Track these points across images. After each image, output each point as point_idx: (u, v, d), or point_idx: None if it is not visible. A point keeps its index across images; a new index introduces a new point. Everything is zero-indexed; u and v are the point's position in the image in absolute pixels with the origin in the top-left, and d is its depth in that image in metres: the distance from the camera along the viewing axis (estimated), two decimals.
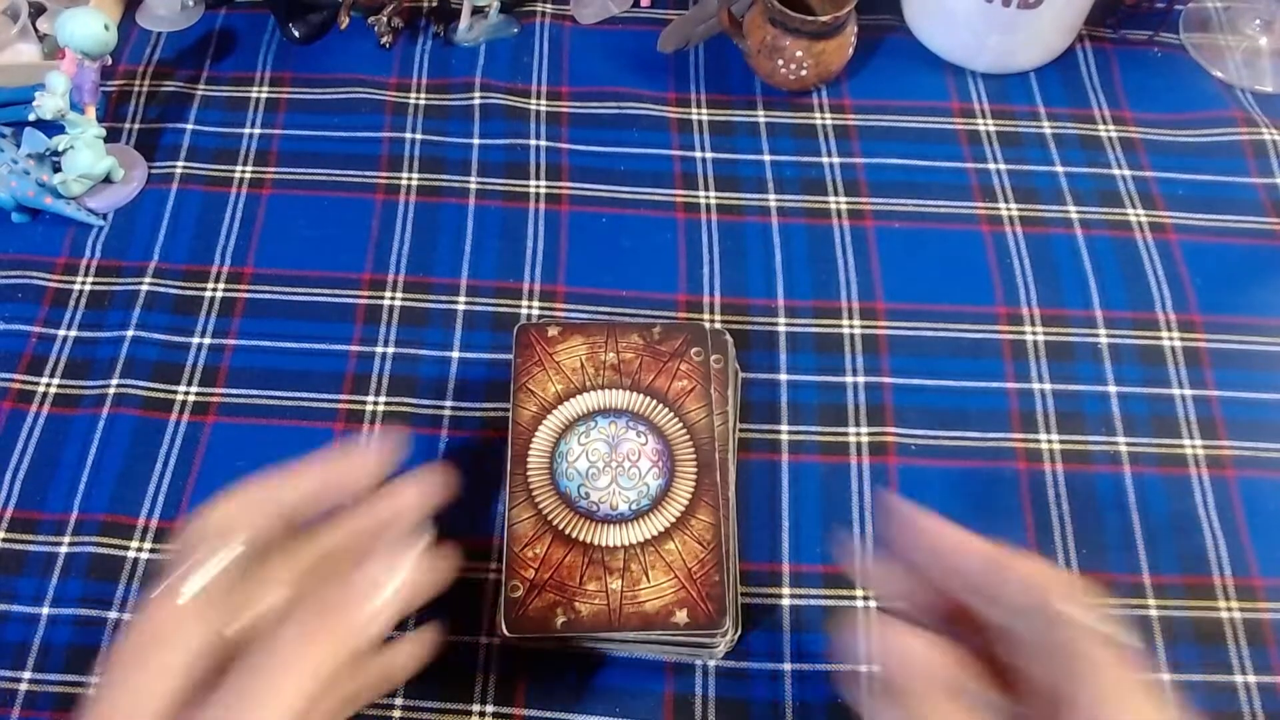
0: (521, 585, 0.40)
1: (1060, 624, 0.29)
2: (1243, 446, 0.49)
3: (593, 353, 0.46)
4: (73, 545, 0.46)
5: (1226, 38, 0.65)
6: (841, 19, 0.57)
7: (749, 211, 0.57)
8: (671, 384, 0.45)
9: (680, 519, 0.42)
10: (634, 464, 0.43)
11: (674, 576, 0.40)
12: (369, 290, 0.53)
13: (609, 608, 0.40)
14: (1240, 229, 0.57)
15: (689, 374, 0.45)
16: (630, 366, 0.46)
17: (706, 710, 0.42)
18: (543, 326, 0.47)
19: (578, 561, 0.41)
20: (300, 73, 0.62)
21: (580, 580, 0.40)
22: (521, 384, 0.46)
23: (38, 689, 0.42)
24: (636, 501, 0.42)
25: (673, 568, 0.41)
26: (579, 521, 0.42)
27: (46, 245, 0.55)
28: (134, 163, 0.58)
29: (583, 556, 0.41)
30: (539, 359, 0.46)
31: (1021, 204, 0.57)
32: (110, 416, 0.49)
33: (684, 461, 0.43)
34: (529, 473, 0.43)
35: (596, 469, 0.43)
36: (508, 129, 0.60)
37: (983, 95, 0.62)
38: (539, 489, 0.43)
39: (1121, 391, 0.51)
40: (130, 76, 0.62)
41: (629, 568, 0.40)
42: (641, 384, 0.45)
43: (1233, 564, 0.46)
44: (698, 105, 0.61)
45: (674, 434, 0.44)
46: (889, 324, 0.53)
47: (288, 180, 0.58)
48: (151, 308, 0.53)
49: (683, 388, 0.45)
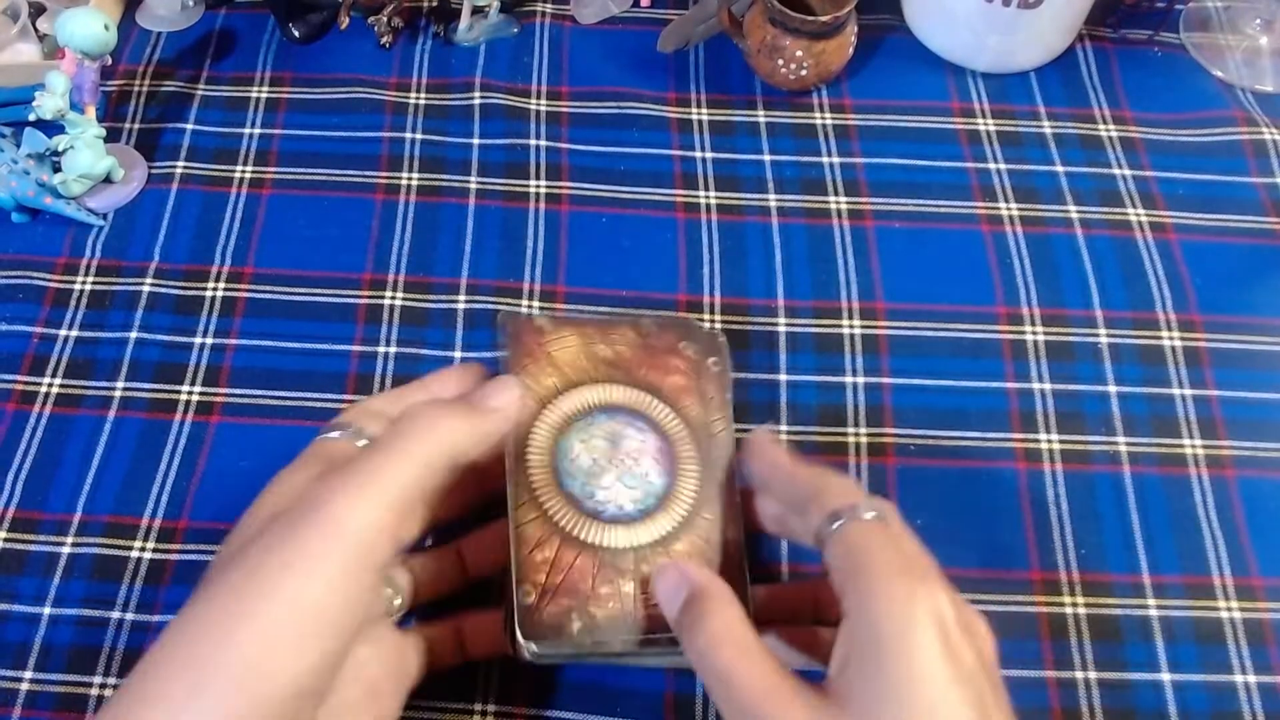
0: (534, 590, 0.38)
1: (832, 521, 0.34)
2: (1243, 446, 0.49)
3: (586, 345, 0.44)
4: (75, 545, 0.46)
5: (1226, 37, 0.65)
6: (841, 19, 0.57)
7: (749, 211, 0.57)
8: (666, 380, 0.44)
9: (686, 519, 0.40)
10: (636, 462, 0.41)
11: None
12: (369, 290, 0.53)
13: (624, 610, 0.38)
14: (1240, 229, 0.57)
15: (682, 370, 0.44)
16: (625, 360, 0.44)
17: (707, 710, 0.42)
18: (530, 318, 0.45)
19: (588, 564, 0.39)
20: (300, 73, 0.62)
21: (592, 584, 0.39)
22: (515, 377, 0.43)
23: (39, 689, 0.42)
24: (643, 501, 0.40)
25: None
26: (586, 522, 0.40)
27: (46, 245, 0.55)
28: (134, 163, 0.58)
29: (593, 559, 0.39)
30: (530, 351, 0.44)
31: (1021, 204, 0.57)
32: (113, 417, 0.49)
33: (685, 460, 0.42)
34: (530, 471, 0.41)
35: (600, 467, 0.41)
36: (508, 129, 0.60)
37: (983, 95, 0.62)
38: (542, 488, 0.40)
39: (1121, 391, 0.51)
40: (130, 76, 0.62)
41: (639, 569, 0.39)
42: (638, 379, 0.44)
43: (1232, 564, 0.46)
44: (698, 105, 0.61)
45: (673, 431, 0.42)
46: (889, 324, 0.53)
47: (288, 180, 0.58)
48: (153, 308, 0.53)
49: (677, 384, 0.43)
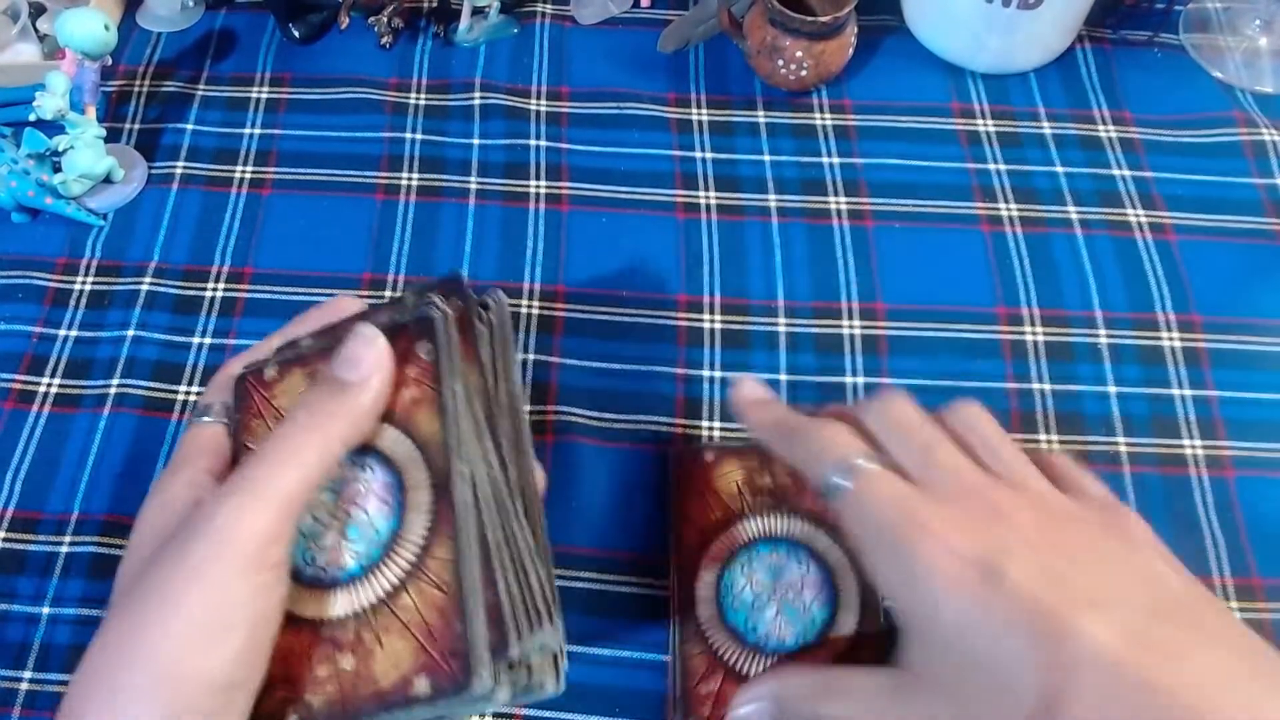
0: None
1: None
2: (1242, 446, 0.49)
3: (748, 474, 0.44)
4: (74, 545, 0.46)
5: (1226, 38, 0.65)
6: (841, 19, 0.57)
7: (749, 211, 0.57)
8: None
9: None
10: (798, 594, 0.40)
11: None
12: (369, 290, 0.53)
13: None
14: (1240, 229, 0.57)
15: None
16: (785, 490, 0.43)
17: None
18: (699, 452, 0.44)
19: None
20: (300, 73, 0.62)
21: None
22: (682, 511, 0.44)
23: (38, 689, 0.42)
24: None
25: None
26: (749, 655, 0.40)
27: (46, 245, 0.55)
28: (134, 163, 0.58)
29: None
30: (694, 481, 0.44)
31: (1021, 204, 0.57)
32: (111, 416, 0.49)
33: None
34: (697, 605, 0.42)
35: (762, 601, 0.41)
36: (508, 129, 0.60)
37: (982, 95, 0.62)
38: (706, 622, 0.42)
39: (1121, 392, 0.51)
40: (130, 76, 0.62)
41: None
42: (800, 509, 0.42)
43: (1232, 564, 0.46)
44: (698, 105, 0.61)
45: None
46: (889, 324, 0.53)
47: (288, 180, 0.58)
48: (152, 308, 0.53)
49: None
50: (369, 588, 0.32)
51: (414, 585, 0.32)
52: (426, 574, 0.32)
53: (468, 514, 0.32)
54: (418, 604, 0.32)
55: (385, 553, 0.32)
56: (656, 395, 0.50)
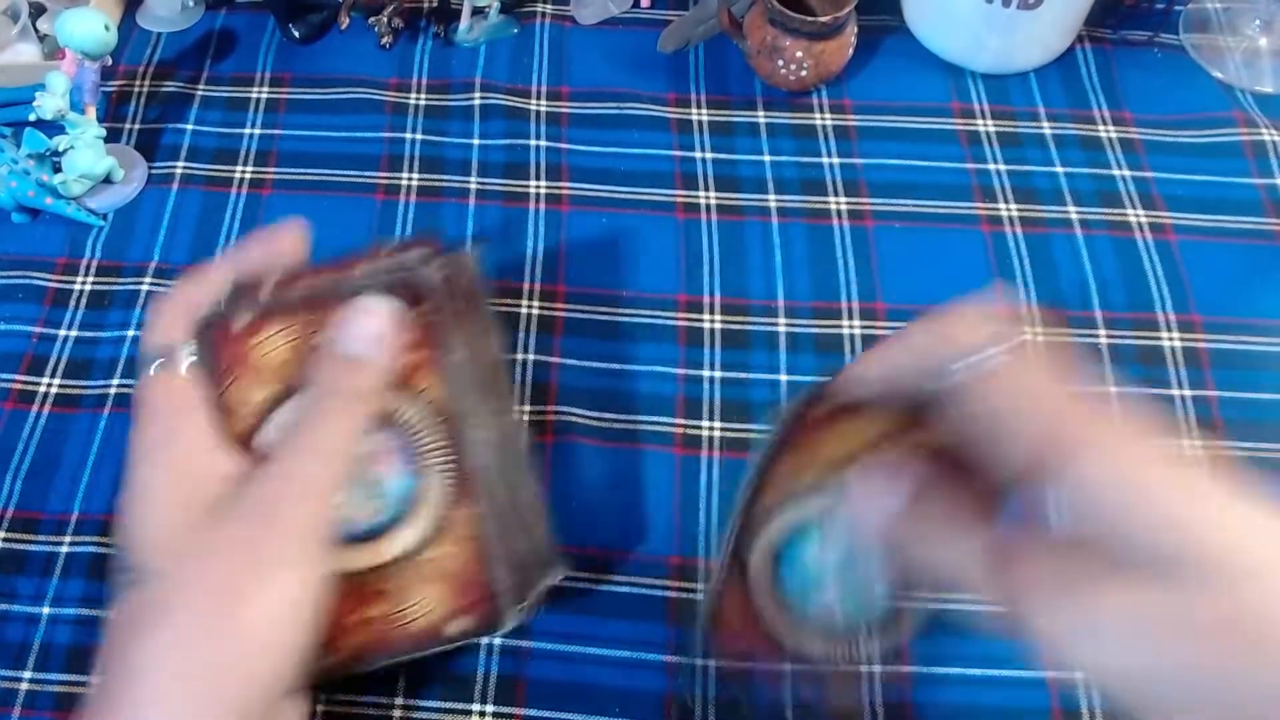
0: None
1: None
2: (1242, 447, 0.49)
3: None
4: (74, 545, 0.46)
5: (1226, 38, 0.65)
6: (841, 19, 0.57)
7: (749, 211, 0.57)
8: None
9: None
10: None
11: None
12: None
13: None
14: (1240, 229, 0.57)
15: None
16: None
17: (706, 710, 0.42)
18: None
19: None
20: (300, 73, 0.62)
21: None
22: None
23: (38, 689, 0.42)
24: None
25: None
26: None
27: (46, 245, 0.55)
28: (134, 163, 0.58)
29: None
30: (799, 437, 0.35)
31: (1021, 204, 0.57)
32: (111, 417, 0.49)
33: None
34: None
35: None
36: (508, 129, 0.60)
37: (982, 95, 0.62)
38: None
39: (1121, 392, 0.51)
40: (130, 76, 0.62)
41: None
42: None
43: None
44: (698, 105, 0.61)
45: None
46: (889, 324, 0.53)
47: (288, 180, 0.58)
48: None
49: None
50: (392, 543, 0.35)
51: (439, 540, 0.35)
52: (451, 528, 0.36)
53: (485, 473, 0.36)
54: (444, 556, 0.35)
55: (405, 510, 0.35)
56: (656, 395, 0.50)
